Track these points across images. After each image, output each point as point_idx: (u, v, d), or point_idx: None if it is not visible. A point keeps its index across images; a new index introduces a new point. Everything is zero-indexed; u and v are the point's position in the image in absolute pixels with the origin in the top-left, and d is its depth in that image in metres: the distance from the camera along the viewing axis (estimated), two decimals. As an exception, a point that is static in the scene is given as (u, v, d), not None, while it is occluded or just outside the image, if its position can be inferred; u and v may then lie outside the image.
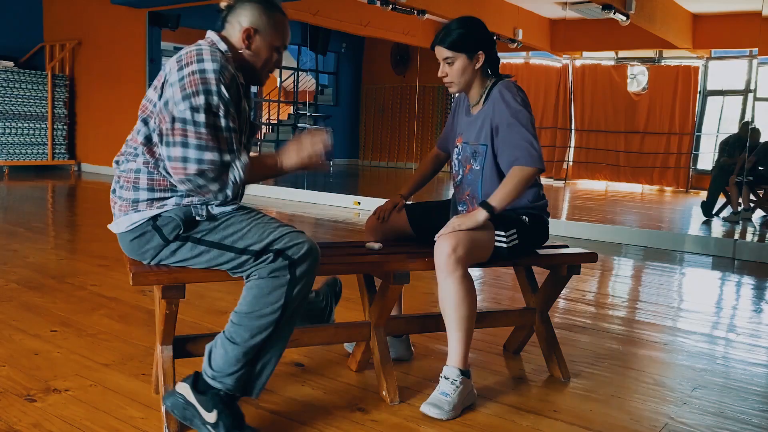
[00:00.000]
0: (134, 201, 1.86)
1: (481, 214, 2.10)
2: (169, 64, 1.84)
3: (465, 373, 2.10)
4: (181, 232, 1.84)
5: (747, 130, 7.50)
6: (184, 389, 1.84)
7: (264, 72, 1.98)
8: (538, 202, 2.34)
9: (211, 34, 1.92)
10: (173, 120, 1.75)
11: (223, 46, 1.88)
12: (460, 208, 2.42)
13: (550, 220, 2.43)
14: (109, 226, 1.94)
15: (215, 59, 1.78)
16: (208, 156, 1.75)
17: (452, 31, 2.20)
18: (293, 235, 1.82)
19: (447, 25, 2.24)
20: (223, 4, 1.94)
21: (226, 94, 1.77)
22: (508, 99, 2.19)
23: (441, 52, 2.22)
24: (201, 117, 1.74)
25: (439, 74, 2.27)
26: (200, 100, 1.74)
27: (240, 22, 1.89)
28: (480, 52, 2.22)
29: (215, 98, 1.75)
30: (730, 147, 7.74)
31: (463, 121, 2.40)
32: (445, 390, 2.06)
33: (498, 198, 2.12)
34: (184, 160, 1.75)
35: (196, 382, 1.84)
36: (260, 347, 1.81)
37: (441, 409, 2.03)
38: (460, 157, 2.39)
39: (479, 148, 2.29)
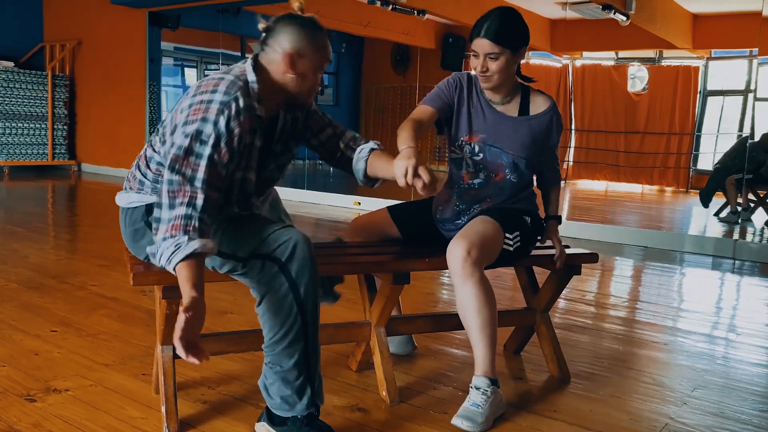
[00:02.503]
0: (140, 181, 1.88)
1: (557, 228, 2.36)
2: (191, 88, 1.80)
3: (494, 382, 2.05)
4: None
5: None
6: (262, 428, 1.84)
7: (309, 95, 1.88)
8: (535, 200, 2.37)
9: (246, 65, 1.80)
10: (172, 144, 1.69)
11: (251, 77, 1.76)
12: (461, 207, 2.30)
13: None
14: (116, 200, 1.96)
15: (228, 93, 1.68)
16: (175, 184, 1.65)
17: (499, 24, 2.06)
18: (277, 234, 1.75)
19: (490, 17, 2.08)
20: (261, 26, 1.82)
21: (223, 127, 1.66)
22: (560, 126, 2.27)
23: (484, 46, 2.08)
24: (185, 142, 1.66)
25: (479, 69, 2.11)
26: (192, 128, 1.66)
27: (281, 47, 1.77)
28: (524, 47, 2.12)
29: (209, 127, 1.65)
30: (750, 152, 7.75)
31: (487, 115, 2.22)
32: (477, 401, 2.00)
33: (558, 208, 2.40)
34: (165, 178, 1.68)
35: (271, 417, 1.83)
36: (306, 361, 1.77)
37: (473, 422, 1.95)
38: (479, 159, 2.22)
39: (519, 162, 2.21)
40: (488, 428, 1.99)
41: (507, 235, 2.17)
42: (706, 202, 7.45)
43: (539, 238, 2.37)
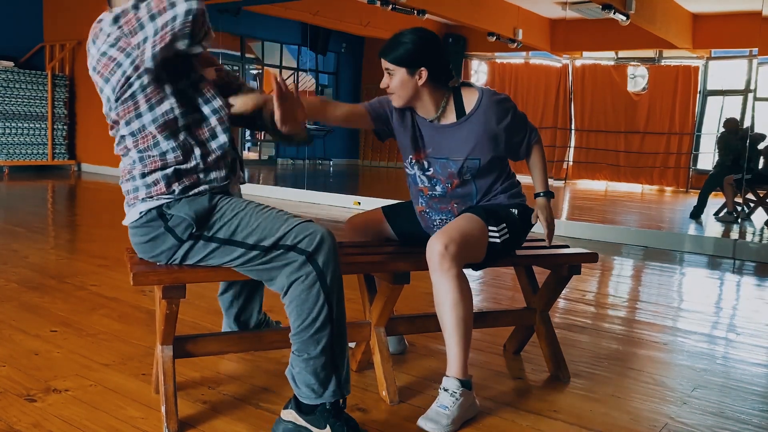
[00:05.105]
0: (134, 190, 1.88)
1: (547, 202, 2.31)
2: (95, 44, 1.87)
3: (466, 383, 2.03)
4: (194, 231, 1.84)
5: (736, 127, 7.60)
6: (290, 415, 1.85)
7: None
8: (519, 191, 2.35)
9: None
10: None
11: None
12: (441, 217, 2.32)
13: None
14: (123, 222, 1.95)
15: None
16: (159, 20, 1.74)
17: (398, 44, 2.13)
18: (302, 226, 1.80)
19: (395, 36, 2.16)
20: None
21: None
22: (499, 110, 2.20)
23: (383, 62, 2.16)
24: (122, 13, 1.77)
25: (382, 85, 2.19)
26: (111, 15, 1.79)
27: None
28: (422, 68, 2.12)
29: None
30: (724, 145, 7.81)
31: (426, 131, 2.25)
32: (444, 403, 1.99)
33: (546, 182, 2.33)
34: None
35: (299, 405, 1.83)
36: (331, 348, 1.80)
37: (438, 424, 1.95)
38: (430, 173, 2.26)
39: (470, 163, 2.20)
40: (455, 430, 1.97)
41: (492, 228, 2.16)
42: (698, 212, 7.44)
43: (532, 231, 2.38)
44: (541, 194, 2.32)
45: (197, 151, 1.86)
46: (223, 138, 1.89)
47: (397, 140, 2.34)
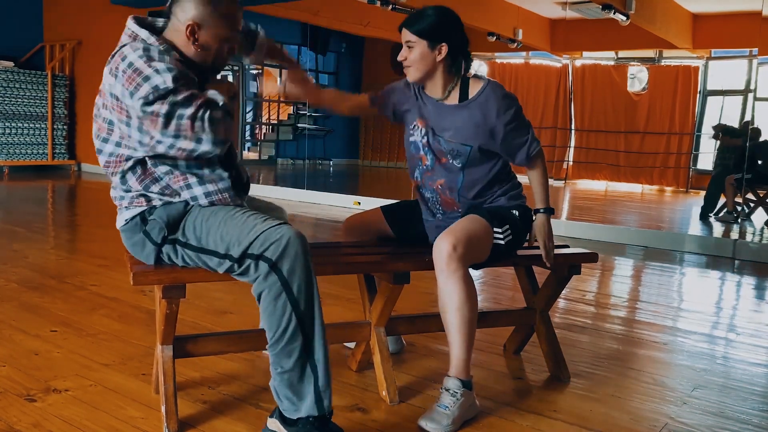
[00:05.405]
0: (121, 198, 1.90)
1: (548, 220, 2.30)
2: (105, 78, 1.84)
3: (467, 384, 2.03)
4: (166, 234, 1.84)
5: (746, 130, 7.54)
6: (274, 425, 1.82)
7: (216, 64, 1.91)
8: (519, 192, 2.35)
9: (131, 25, 1.87)
10: (137, 117, 1.75)
11: (143, 33, 1.83)
12: (427, 195, 2.34)
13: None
14: (116, 225, 1.97)
15: (136, 48, 1.75)
16: (180, 143, 1.73)
17: (422, 16, 2.15)
18: (268, 233, 1.73)
19: (420, 10, 2.17)
20: None
21: (164, 64, 1.72)
22: (501, 103, 2.18)
23: (404, 34, 2.17)
24: (154, 108, 1.70)
25: (399, 57, 2.20)
26: (144, 89, 1.70)
27: (185, 16, 1.81)
28: (443, 44, 2.14)
29: (157, 77, 1.70)
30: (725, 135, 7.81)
31: (430, 106, 2.27)
32: (445, 403, 1.99)
33: (546, 197, 2.30)
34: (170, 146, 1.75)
35: (283, 416, 1.80)
36: (306, 359, 1.75)
37: (439, 424, 1.95)
38: (426, 141, 2.26)
39: (461, 148, 2.21)
40: (455, 430, 1.97)
41: (496, 229, 2.17)
42: (709, 209, 7.42)
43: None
44: (541, 211, 2.31)
45: (183, 195, 1.87)
46: (199, 189, 1.86)
47: (401, 110, 2.36)
